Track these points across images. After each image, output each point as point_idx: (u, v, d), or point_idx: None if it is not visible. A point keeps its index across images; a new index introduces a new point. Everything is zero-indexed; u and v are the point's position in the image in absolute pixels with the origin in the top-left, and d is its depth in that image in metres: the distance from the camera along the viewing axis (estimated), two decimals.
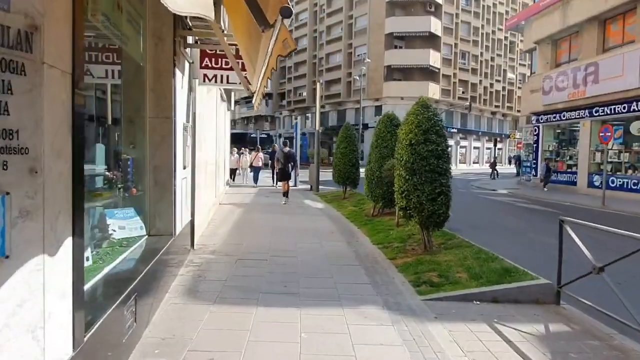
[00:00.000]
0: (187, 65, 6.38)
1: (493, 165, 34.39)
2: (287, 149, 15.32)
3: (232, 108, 22.35)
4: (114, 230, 4.78)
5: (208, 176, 11.91)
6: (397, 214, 9.67)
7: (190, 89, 6.71)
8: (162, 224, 5.50)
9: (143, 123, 5.35)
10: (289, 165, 14.92)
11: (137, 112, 5.34)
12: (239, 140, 38.07)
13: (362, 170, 14.89)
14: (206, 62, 6.82)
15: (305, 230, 9.41)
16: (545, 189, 21.07)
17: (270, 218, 11.02)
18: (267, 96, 66.42)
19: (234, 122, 73.74)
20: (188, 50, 6.53)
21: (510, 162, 56.11)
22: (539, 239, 9.70)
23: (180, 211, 5.98)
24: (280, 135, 57.92)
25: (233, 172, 22.31)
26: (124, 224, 5.07)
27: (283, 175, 14.88)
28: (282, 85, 64.61)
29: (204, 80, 6.88)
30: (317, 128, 19.33)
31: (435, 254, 7.02)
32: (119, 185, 4.95)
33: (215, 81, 6.89)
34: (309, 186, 19.47)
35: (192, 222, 7.11)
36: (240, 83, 6.83)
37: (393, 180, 9.47)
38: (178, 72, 5.67)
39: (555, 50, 23.45)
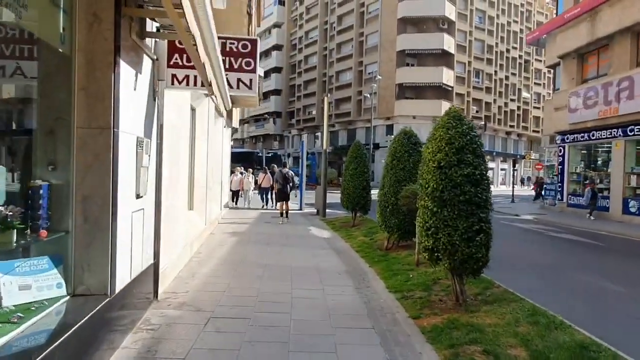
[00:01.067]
0: (146, 60, 4.85)
1: (539, 187, 31.67)
2: (285, 170, 15.15)
3: (235, 125, 20.96)
4: (1, 297, 3.18)
5: (196, 201, 10.37)
6: (416, 251, 7.99)
7: (154, 93, 5.17)
8: (93, 278, 3.88)
9: (68, 135, 3.78)
10: (287, 186, 14.83)
11: (58, 120, 3.78)
12: (245, 160, 36.84)
13: (373, 192, 13.36)
14: (175, 59, 5.28)
15: (306, 270, 7.73)
16: (592, 218, 18.64)
17: (266, 251, 9.37)
18: (276, 114, 65.39)
19: (242, 141, 72.85)
20: (150, 42, 5.02)
21: (522, 184, 54.01)
22: (589, 281, 7.92)
23: (127, 256, 4.37)
24: (289, 155, 56.61)
25: (235, 194, 20.71)
26: (30, 282, 3.49)
27: (281, 196, 14.86)
28: (291, 103, 63.54)
29: (173, 83, 5.33)
30: (324, 147, 17.75)
31: (473, 312, 5.30)
32: (20, 225, 3.37)
33: (187, 84, 5.34)
34: (315, 210, 17.84)
35: (155, 266, 5.49)
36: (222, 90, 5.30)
37: (412, 208, 7.82)
38: (125, 67, 4.13)
39: (581, 65, 21.78)
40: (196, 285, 6.44)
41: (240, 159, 36.26)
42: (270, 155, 43.37)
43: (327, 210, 17.03)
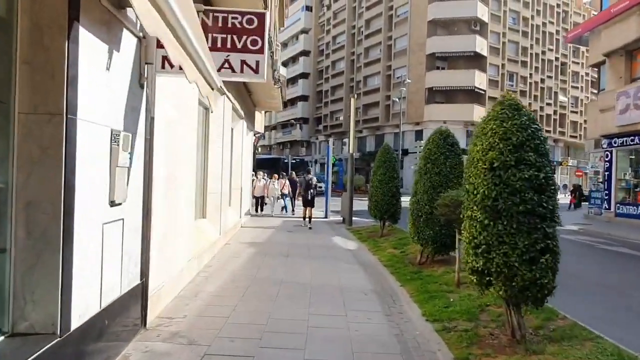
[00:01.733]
0: (128, 36, 3.95)
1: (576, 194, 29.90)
2: (309, 176, 15.51)
3: (259, 129, 20.18)
4: None
5: (209, 208, 9.49)
6: (457, 268, 6.85)
7: (140, 78, 4.25)
8: (38, 311, 2.95)
9: (7, 123, 2.89)
10: (310, 191, 15.07)
11: None
12: (271, 166, 36.30)
13: (402, 199, 12.30)
14: None
15: (327, 289, 6.68)
16: None
17: (284, 265, 8.37)
18: (303, 121, 64.73)
19: (269, 148, 72.50)
20: (134, 15, 4.10)
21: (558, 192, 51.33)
22: None
23: (95, 279, 3.45)
24: (316, 161, 55.72)
25: (259, 200, 19.74)
26: None
27: (305, 201, 15.08)
28: (318, 109, 62.75)
29: (164, 66, 4.42)
30: (350, 150, 16.69)
31: (536, 354, 4.15)
32: None
33: (181, 68, 4.40)
34: (341, 218, 16.78)
35: (143, 287, 4.56)
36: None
37: (452, 219, 6.71)
38: (90, 37, 3.22)
39: (630, 63, 20.07)
40: (197, 308, 5.48)
41: (266, 165, 35.81)
42: (296, 161, 42.51)
43: (353, 219, 15.96)
